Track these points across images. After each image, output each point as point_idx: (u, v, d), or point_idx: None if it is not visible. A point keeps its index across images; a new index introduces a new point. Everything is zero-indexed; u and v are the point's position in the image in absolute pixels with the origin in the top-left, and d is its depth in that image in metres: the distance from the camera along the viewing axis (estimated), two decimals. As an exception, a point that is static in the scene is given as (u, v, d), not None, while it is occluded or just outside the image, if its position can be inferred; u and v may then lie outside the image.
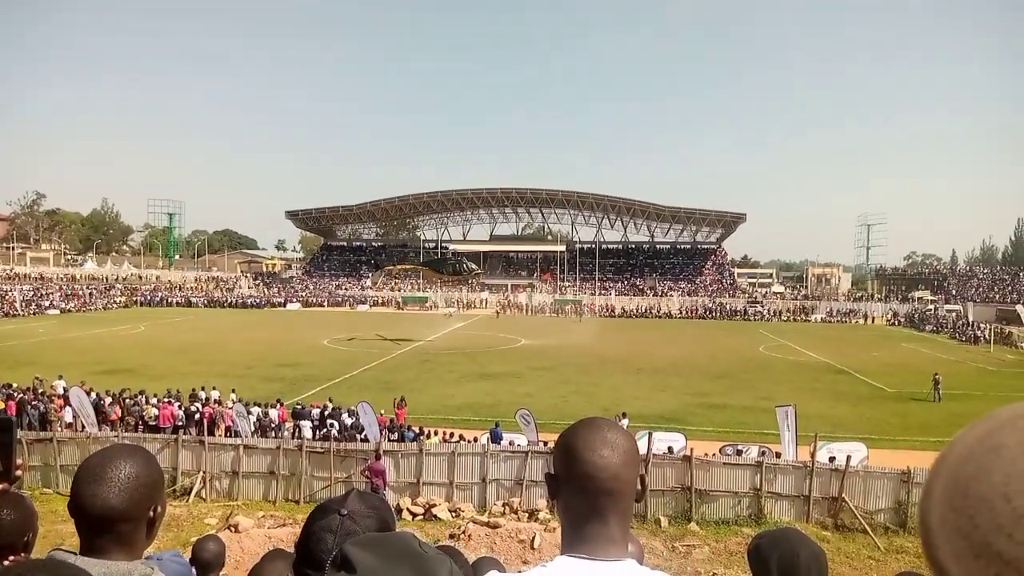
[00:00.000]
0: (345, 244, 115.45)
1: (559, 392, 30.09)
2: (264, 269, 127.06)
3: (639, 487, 1.52)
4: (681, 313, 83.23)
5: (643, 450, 16.02)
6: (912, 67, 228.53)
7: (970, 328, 57.10)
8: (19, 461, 1.75)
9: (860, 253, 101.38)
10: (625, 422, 20.61)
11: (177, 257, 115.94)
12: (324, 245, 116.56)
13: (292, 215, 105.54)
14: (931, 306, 76.67)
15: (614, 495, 1.46)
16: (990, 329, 53.48)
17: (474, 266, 42.19)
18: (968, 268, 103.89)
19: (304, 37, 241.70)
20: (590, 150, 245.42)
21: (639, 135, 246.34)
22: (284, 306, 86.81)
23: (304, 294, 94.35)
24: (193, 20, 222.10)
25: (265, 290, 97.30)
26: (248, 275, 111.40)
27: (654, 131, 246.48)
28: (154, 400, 22.48)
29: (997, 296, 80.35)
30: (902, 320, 74.20)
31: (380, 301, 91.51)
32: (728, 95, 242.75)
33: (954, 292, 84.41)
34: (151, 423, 21.28)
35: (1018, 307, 57.80)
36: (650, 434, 17.16)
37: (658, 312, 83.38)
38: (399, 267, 41.40)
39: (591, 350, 45.78)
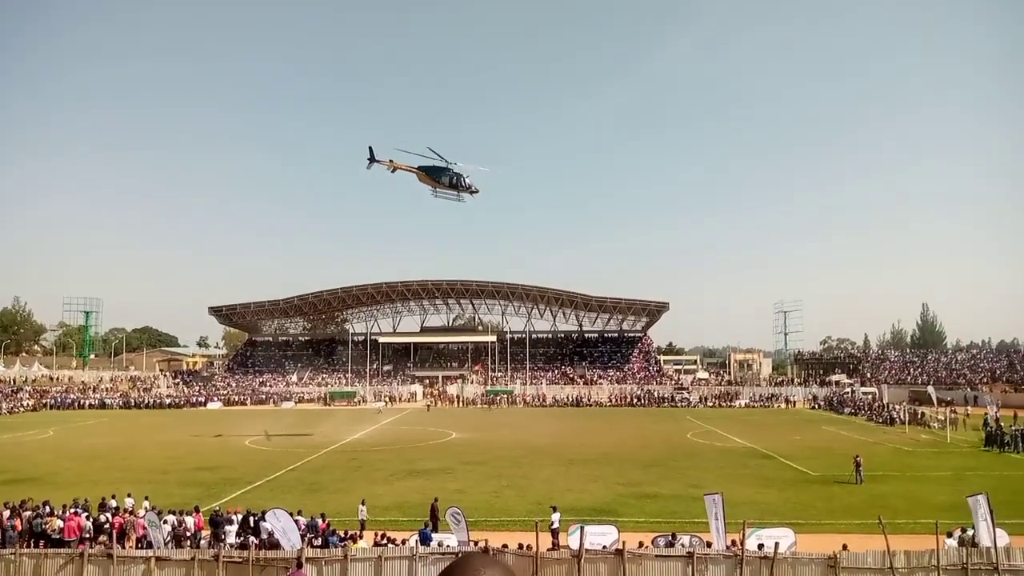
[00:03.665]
0: (271, 339, 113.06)
1: (491, 487, 29.58)
2: (185, 367, 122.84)
3: None
4: (611, 401, 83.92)
5: (575, 546, 15.84)
6: (814, 159, 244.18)
7: (885, 410, 59.23)
8: None
9: (779, 339, 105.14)
10: (556, 516, 20.40)
11: (92, 356, 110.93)
12: (248, 341, 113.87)
13: (215, 311, 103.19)
14: (848, 389, 79.53)
15: None
16: (904, 410, 55.58)
17: (471, 183, 40.59)
18: (880, 352, 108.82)
19: (222, 130, 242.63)
20: (519, 243, 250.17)
21: (565, 229, 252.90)
22: (204, 405, 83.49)
23: (226, 392, 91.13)
24: (107, 109, 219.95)
25: (185, 389, 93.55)
26: (168, 374, 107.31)
27: (579, 226, 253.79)
28: (59, 511, 21.02)
29: (908, 378, 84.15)
30: (822, 403, 76.50)
31: (306, 397, 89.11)
32: (646, 190, 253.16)
33: (869, 375, 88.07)
34: (55, 536, 19.84)
35: (929, 388, 60.41)
36: (582, 528, 16.96)
37: (588, 401, 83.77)
38: (394, 164, 39.84)
39: (523, 442, 45.45)
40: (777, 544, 16.26)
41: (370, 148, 39.35)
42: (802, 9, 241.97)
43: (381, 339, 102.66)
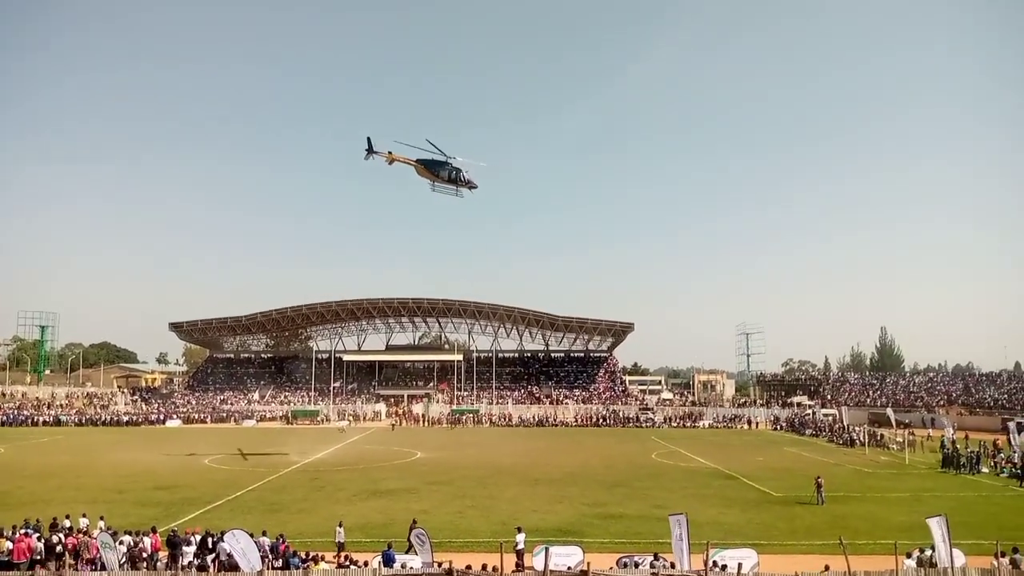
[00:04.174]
0: (232, 356, 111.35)
1: (456, 507, 29.34)
2: (144, 383, 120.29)
3: None
4: (577, 421, 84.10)
5: (540, 567, 15.76)
6: (776, 179, 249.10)
7: (846, 432, 60.16)
8: None
9: (742, 360, 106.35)
10: (521, 537, 20.29)
11: (47, 372, 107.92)
12: (209, 357, 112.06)
13: (176, 327, 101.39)
14: (809, 411, 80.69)
15: None
16: (864, 432, 56.51)
17: (470, 177, 40.09)
18: (840, 374, 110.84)
19: (186, 142, 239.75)
20: (485, 260, 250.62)
21: (531, 249, 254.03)
22: (163, 423, 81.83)
23: (186, 410, 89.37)
24: (65, 120, 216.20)
25: (143, 406, 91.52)
26: (126, 390, 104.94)
27: (546, 245, 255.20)
28: (9, 532, 20.32)
29: (868, 400, 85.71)
30: (784, 425, 77.49)
31: (268, 416, 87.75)
32: (610, 209, 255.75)
33: (829, 397, 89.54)
34: (3, 559, 19.16)
35: (888, 410, 61.56)
36: (547, 549, 16.92)
37: (554, 421, 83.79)
38: (392, 156, 39.17)
39: (488, 461, 45.27)
40: (740, 565, 16.38)
41: (368, 139, 39.12)
42: (752, 39, 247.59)
43: (346, 357, 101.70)
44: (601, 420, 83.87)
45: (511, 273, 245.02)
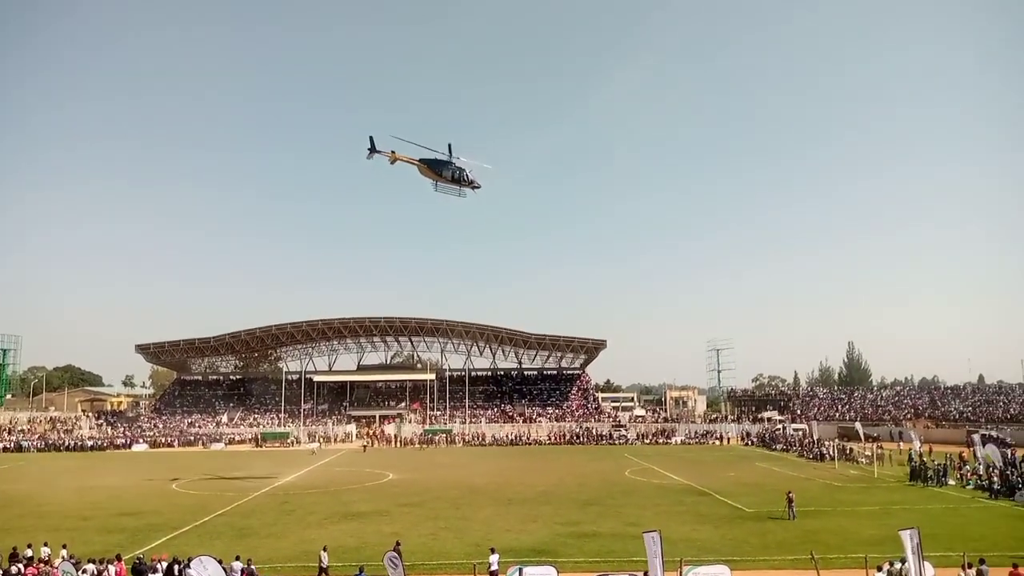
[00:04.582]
0: (200, 378, 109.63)
1: (428, 529, 29.05)
2: (109, 407, 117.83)
3: None
4: (550, 439, 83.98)
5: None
6: (748, 206, 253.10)
7: (816, 446, 60.75)
8: None
9: (713, 376, 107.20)
10: (495, 558, 20.14)
11: (9, 396, 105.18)
12: (177, 380, 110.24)
13: (143, 349, 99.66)
14: (779, 426, 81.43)
15: None
16: (834, 446, 57.12)
17: (474, 177, 39.70)
18: (810, 388, 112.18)
19: (148, 165, 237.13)
20: (458, 279, 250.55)
21: (505, 266, 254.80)
22: (129, 447, 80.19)
23: (152, 433, 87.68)
24: (27, 146, 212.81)
25: (109, 430, 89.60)
26: (90, 414, 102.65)
27: (519, 263, 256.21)
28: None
29: (837, 414, 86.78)
30: (754, 440, 78.04)
31: (237, 439, 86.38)
32: (583, 228, 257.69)
33: (799, 412, 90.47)
34: (-40, 591, 18.61)
35: (857, 424, 62.36)
36: (521, 570, 16.83)
37: (528, 439, 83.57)
38: (395, 155, 38.62)
39: (461, 482, 44.96)
40: (714, 581, 16.42)
41: (371, 138, 38.82)
42: (719, 63, 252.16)
43: (316, 378, 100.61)
44: (574, 438, 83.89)
45: (484, 292, 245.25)
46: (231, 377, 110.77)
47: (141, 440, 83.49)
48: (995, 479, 38.26)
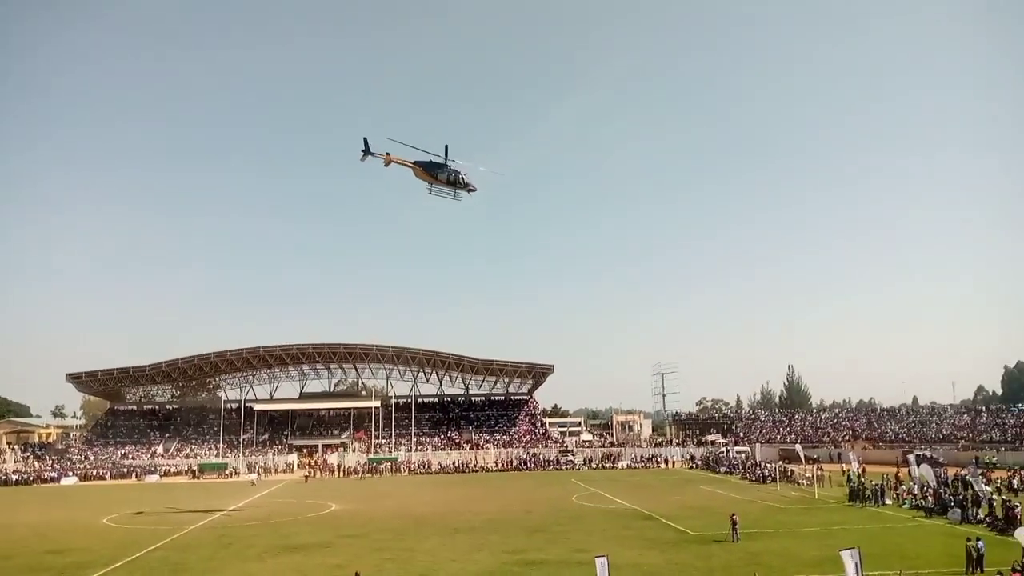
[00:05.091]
0: (135, 408, 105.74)
1: (372, 561, 28.26)
2: (37, 439, 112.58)
3: None
4: (497, 466, 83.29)
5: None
6: (683, 232, 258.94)
7: (758, 468, 61.61)
8: None
9: (658, 400, 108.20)
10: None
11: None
12: (110, 410, 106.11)
13: (74, 378, 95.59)
14: (723, 449, 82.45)
15: None
16: (775, 468, 58.00)
17: (469, 180, 38.73)
18: (752, 412, 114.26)
19: (84, 183, 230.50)
20: (405, 304, 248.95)
21: (453, 291, 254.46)
22: (58, 481, 76.57)
23: (83, 466, 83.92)
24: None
25: (36, 463, 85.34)
26: (16, 447, 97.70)
27: (466, 289, 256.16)
28: None
29: (778, 437, 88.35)
30: (699, 463, 78.81)
31: (173, 470, 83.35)
32: (531, 255, 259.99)
33: (742, 435, 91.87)
34: None
35: (797, 446, 63.54)
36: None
37: (475, 466, 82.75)
38: (390, 157, 37.41)
39: (406, 511, 44.14)
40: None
41: (365, 140, 38.18)
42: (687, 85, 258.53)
43: (256, 406, 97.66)
44: (522, 464, 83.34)
45: (431, 316, 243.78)
46: (167, 406, 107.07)
47: (71, 473, 79.83)
48: (929, 498, 39.36)
